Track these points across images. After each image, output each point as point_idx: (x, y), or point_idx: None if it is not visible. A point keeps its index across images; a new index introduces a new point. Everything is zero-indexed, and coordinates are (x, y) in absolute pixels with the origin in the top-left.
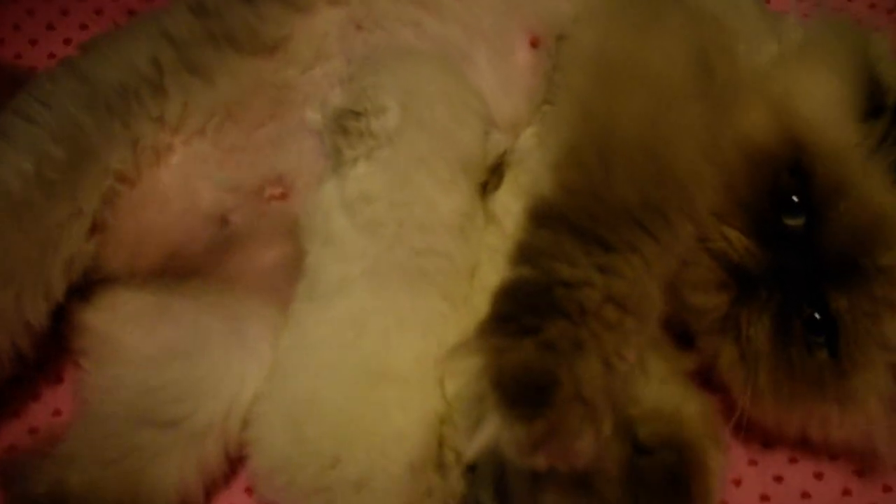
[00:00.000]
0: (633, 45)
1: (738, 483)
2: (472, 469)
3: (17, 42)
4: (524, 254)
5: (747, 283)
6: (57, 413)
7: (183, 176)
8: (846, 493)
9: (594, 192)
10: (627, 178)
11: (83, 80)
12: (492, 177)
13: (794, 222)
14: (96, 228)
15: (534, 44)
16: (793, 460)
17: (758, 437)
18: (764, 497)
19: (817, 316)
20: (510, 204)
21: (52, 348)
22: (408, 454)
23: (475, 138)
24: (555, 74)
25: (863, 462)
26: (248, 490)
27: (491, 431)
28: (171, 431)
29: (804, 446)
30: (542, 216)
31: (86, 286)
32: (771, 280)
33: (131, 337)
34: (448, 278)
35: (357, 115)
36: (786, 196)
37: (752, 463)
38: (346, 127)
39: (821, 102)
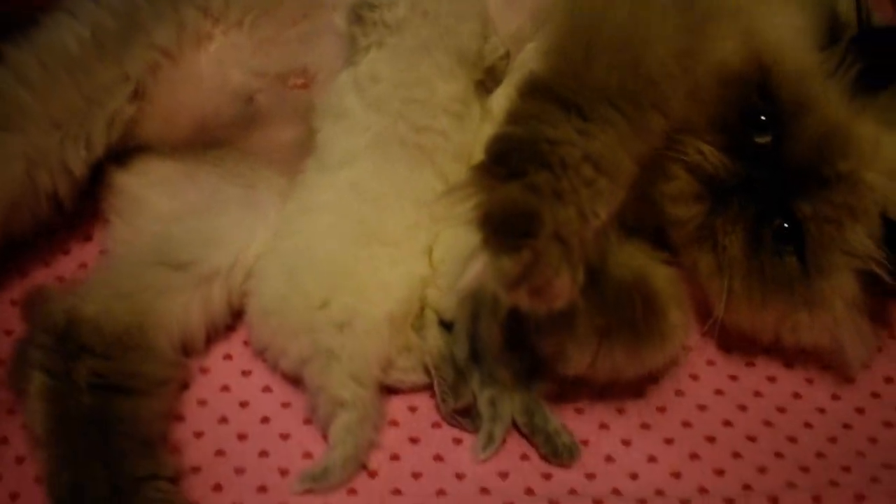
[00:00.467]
0: None
1: (695, 378)
2: (447, 328)
3: None
4: (513, 117)
5: (721, 195)
6: (83, 266)
7: (218, 60)
8: (796, 396)
9: (577, 75)
10: (607, 67)
11: None
12: (489, 79)
13: (763, 139)
14: (137, 95)
15: None
16: (749, 364)
17: (717, 342)
18: (718, 391)
19: (785, 225)
20: (502, 99)
21: (86, 211)
22: (389, 305)
23: (473, 35)
24: None
25: (817, 370)
26: (246, 343)
27: (480, 264)
28: (181, 274)
29: (764, 352)
30: (530, 89)
31: (123, 153)
32: (743, 192)
33: (157, 197)
34: (444, 157)
35: (372, 6)
36: (754, 115)
37: (711, 363)
38: (361, 16)
39: (785, 32)
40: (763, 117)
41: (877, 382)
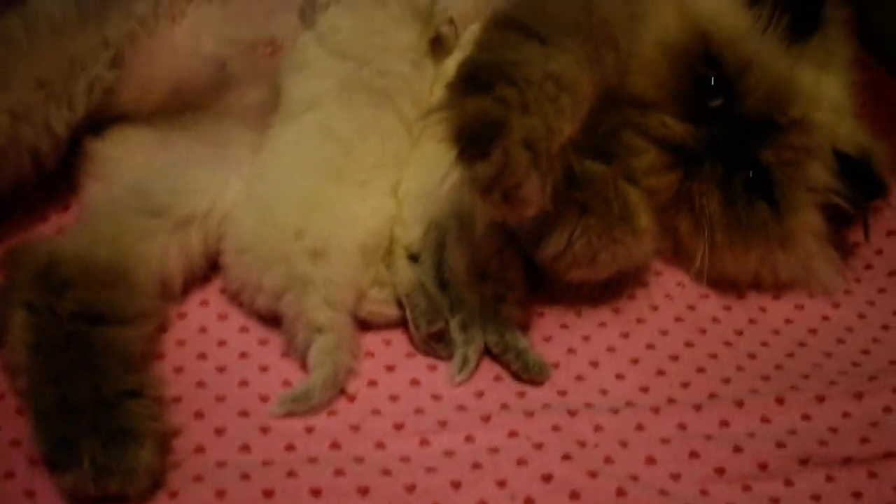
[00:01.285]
0: None
1: (654, 309)
2: (414, 259)
3: None
4: (478, 46)
5: (691, 161)
6: (60, 231)
7: (192, 30)
8: (751, 321)
9: (535, 9)
10: (562, 3)
11: None
12: (438, 46)
13: (716, 102)
14: (116, 61)
15: None
16: (704, 296)
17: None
18: (678, 319)
19: (752, 175)
20: (455, 62)
21: (63, 184)
22: (361, 235)
23: None
24: None
25: (769, 299)
26: (222, 290)
27: (455, 175)
28: (158, 219)
29: (717, 287)
30: (493, 21)
31: (99, 124)
32: (710, 153)
33: (132, 160)
34: (404, 100)
35: None
36: (704, 81)
37: (668, 296)
38: None
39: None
40: (712, 81)
41: (826, 307)
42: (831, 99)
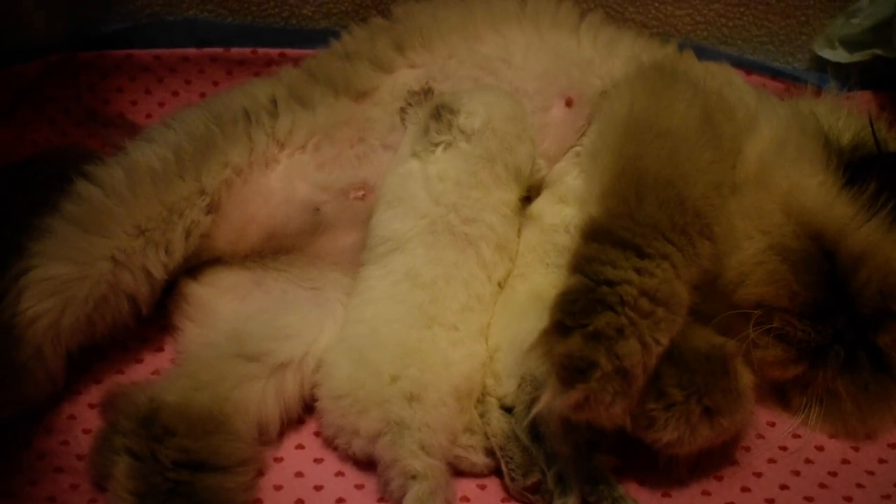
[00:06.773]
0: (655, 107)
1: (747, 449)
2: (508, 410)
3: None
4: (577, 261)
5: (816, 353)
6: (156, 373)
7: (286, 176)
8: (844, 461)
9: (632, 215)
10: (656, 204)
11: (213, 105)
12: (532, 193)
13: (827, 292)
14: (212, 208)
15: (568, 104)
16: (795, 436)
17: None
18: (771, 460)
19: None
20: (544, 205)
21: (158, 325)
22: (454, 380)
23: (528, 155)
24: (590, 129)
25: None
26: (317, 433)
27: (546, 399)
28: (256, 364)
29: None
30: (591, 232)
31: (195, 267)
32: (833, 342)
33: (227, 304)
34: (487, 246)
35: (452, 110)
36: (820, 275)
37: (759, 437)
38: (440, 115)
39: (815, 192)
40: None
41: None
42: None
